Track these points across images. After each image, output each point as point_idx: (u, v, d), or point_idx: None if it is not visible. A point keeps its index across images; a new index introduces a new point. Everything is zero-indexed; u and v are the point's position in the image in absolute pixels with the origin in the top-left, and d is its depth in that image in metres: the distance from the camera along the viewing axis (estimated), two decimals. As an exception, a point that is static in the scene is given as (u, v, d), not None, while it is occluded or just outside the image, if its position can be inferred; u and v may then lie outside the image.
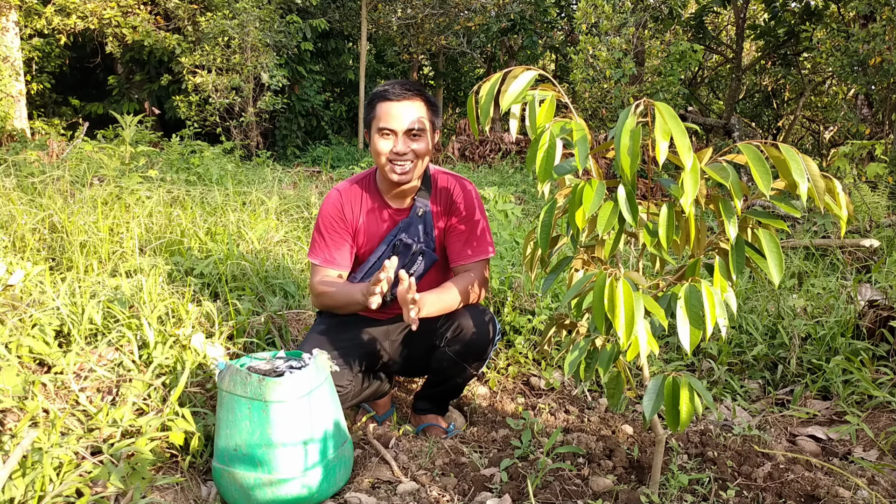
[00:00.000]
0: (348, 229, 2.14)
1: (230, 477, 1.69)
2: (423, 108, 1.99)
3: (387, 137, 1.98)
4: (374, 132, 2.00)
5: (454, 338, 2.06)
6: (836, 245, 3.93)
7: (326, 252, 2.13)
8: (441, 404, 2.29)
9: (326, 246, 2.13)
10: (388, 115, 1.95)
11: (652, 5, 9.22)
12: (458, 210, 2.13)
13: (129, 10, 10.92)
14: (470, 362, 2.10)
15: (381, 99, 1.96)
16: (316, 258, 2.14)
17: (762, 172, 1.26)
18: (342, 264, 2.13)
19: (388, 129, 1.96)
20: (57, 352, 2.02)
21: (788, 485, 1.76)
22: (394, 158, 1.98)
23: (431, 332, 2.10)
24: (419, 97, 1.98)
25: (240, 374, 1.69)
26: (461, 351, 2.07)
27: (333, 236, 2.13)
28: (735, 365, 2.67)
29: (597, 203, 1.31)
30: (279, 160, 11.34)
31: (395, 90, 1.96)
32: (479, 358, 2.10)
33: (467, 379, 2.20)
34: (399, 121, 1.95)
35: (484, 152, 10.76)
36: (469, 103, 1.42)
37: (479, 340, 2.07)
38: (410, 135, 1.97)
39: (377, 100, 1.98)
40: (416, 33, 14.24)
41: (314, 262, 2.14)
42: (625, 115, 1.27)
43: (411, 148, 1.97)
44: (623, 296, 1.33)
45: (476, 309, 2.09)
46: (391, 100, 1.95)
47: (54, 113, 13.57)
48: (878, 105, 8.56)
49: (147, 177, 4.85)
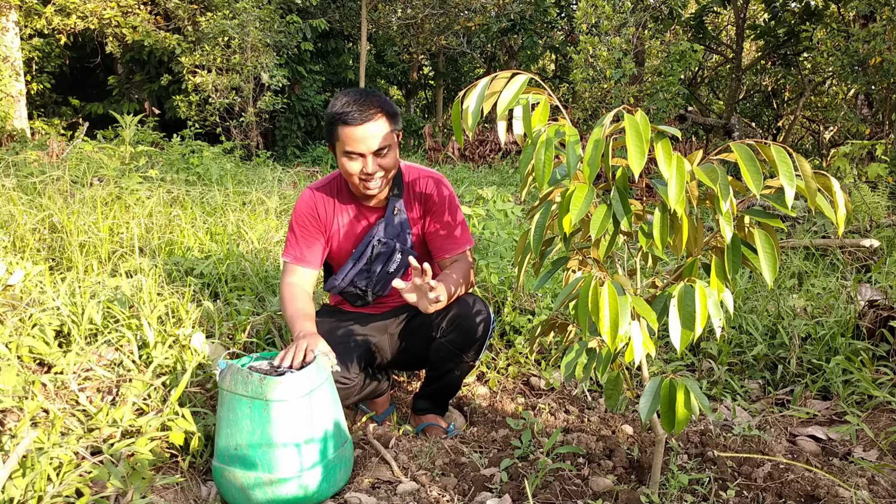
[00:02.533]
0: (321, 228, 2.16)
1: (230, 476, 1.69)
2: (385, 123, 1.97)
3: (354, 160, 1.98)
4: (340, 154, 1.99)
5: (450, 328, 2.09)
6: (836, 245, 3.93)
7: (298, 250, 2.14)
8: (441, 403, 2.30)
9: (298, 244, 2.15)
10: (352, 140, 1.93)
11: (652, 5, 9.22)
12: (434, 205, 2.15)
13: (129, 10, 10.91)
14: (467, 351, 2.13)
15: (343, 123, 1.93)
16: (287, 256, 2.16)
17: (753, 172, 1.26)
18: (312, 262, 2.15)
19: (356, 154, 1.96)
20: (57, 352, 2.02)
21: (788, 485, 1.76)
22: (364, 178, 2.00)
23: (428, 323, 2.13)
24: (379, 113, 1.95)
25: (241, 374, 1.69)
26: (458, 340, 2.10)
27: (306, 235, 2.15)
28: (735, 365, 2.67)
29: (585, 208, 1.32)
30: (279, 160, 11.34)
31: (354, 114, 1.92)
32: (475, 347, 2.14)
33: (465, 371, 2.21)
34: (365, 143, 1.93)
35: (484, 152, 10.76)
36: (455, 110, 1.41)
37: (475, 329, 2.10)
38: (377, 154, 1.97)
39: (338, 123, 1.94)
40: (416, 33, 14.24)
41: (285, 261, 2.16)
42: (599, 124, 1.30)
43: (380, 164, 1.99)
44: (608, 299, 1.34)
45: (470, 298, 2.13)
46: (352, 124, 1.92)
47: (54, 113, 13.57)
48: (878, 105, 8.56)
49: (147, 177, 4.85)
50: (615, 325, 1.33)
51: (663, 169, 1.26)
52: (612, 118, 1.33)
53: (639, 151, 1.24)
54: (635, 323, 1.42)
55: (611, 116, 1.32)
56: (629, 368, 2.56)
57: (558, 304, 1.48)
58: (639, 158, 1.24)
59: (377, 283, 2.19)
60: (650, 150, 1.27)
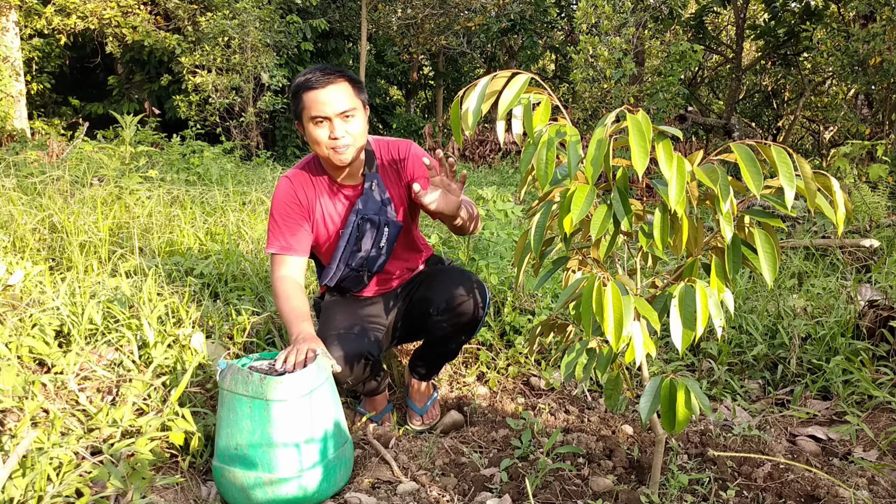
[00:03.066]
0: (304, 214, 2.13)
1: (230, 476, 1.69)
2: (349, 87, 1.99)
3: (321, 125, 1.98)
4: (307, 122, 2.00)
5: (447, 307, 2.14)
6: (836, 245, 3.93)
7: (283, 239, 2.10)
8: (436, 366, 2.39)
9: (282, 233, 2.11)
10: (316, 103, 1.95)
11: (652, 5, 9.22)
12: (411, 164, 2.15)
13: (129, 10, 10.91)
14: (463, 329, 2.19)
15: (306, 89, 1.96)
16: (272, 247, 2.11)
17: (753, 172, 1.26)
18: (300, 250, 2.11)
19: (321, 117, 1.97)
20: (57, 352, 2.02)
21: (788, 485, 1.76)
22: (333, 144, 1.99)
23: (426, 300, 2.19)
24: (342, 78, 1.99)
25: (241, 374, 1.69)
26: (454, 319, 2.16)
27: (289, 222, 2.11)
28: (735, 365, 2.67)
29: (586, 208, 1.32)
30: (279, 160, 11.34)
31: (316, 77, 1.96)
32: (471, 325, 2.20)
33: (461, 344, 2.31)
34: (330, 105, 1.95)
35: (484, 152, 10.76)
36: (454, 110, 1.41)
37: (471, 308, 2.16)
38: (343, 117, 1.97)
39: (301, 91, 1.98)
40: (416, 33, 14.24)
41: (272, 253, 2.11)
42: (601, 124, 1.30)
43: (347, 130, 1.98)
44: (612, 299, 1.34)
45: (465, 276, 2.18)
46: (316, 87, 1.95)
47: (54, 113, 13.57)
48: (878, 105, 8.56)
49: (147, 177, 4.85)
50: (619, 325, 1.33)
51: (664, 169, 1.26)
52: (613, 118, 1.33)
53: (642, 151, 1.24)
54: (636, 323, 1.42)
55: (612, 116, 1.32)
56: (629, 368, 2.56)
57: (560, 304, 1.48)
58: (642, 158, 1.24)
59: (371, 261, 2.17)
60: (651, 150, 1.27)
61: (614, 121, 1.35)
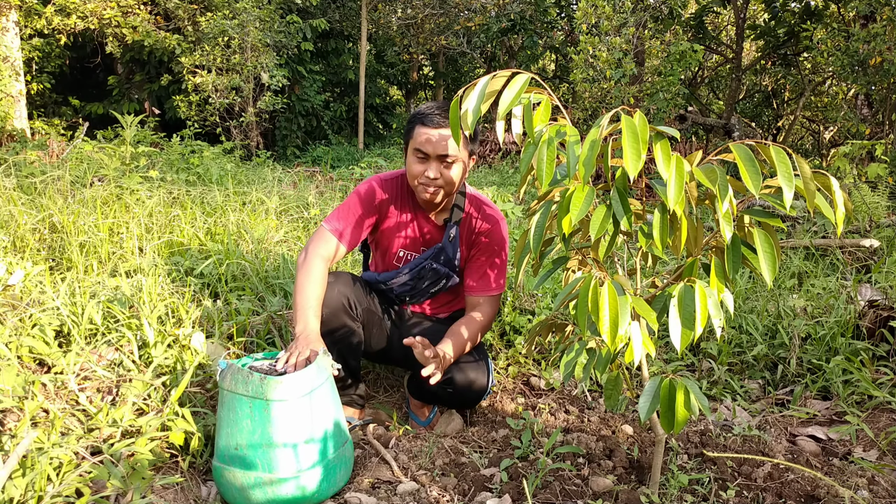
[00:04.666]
0: (373, 216, 2.18)
1: (230, 476, 1.69)
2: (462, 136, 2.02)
3: (421, 161, 2.03)
4: (410, 152, 2.05)
5: (447, 388, 2.13)
6: (836, 245, 3.93)
7: (342, 224, 2.14)
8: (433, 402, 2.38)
9: (345, 219, 2.15)
10: (424, 140, 2.00)
11: (652, 5, 9.22)
12: (485, 243, 2.19)
13: (129, 10, 10.90)
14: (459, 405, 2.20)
15: (421, 123, 2.01)
16: (329, 224, 2.14)
17: (752, 173, 1.26)
18: (349, 241, 2.15)
19: (423, 153, 2.01)
20: (57, 352, 2.02)
21: (788, 485, 1.76)
22: (425, 182, 2.04)
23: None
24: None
25: (241, 373, 1.70)
26: (453, 399, 2.18)
27: (355, 214, 2.15)
28: (735, 365, 2.67)
29: (585, 208, 1.32)
30: (279, 160, 11.33)
31: (434, 116, 1.99)
32: (471, 405, 2.20)
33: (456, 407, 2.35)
34: (434, 147, 1.99)
35: (484, 152, 10.76)
36: (452, 110, 1.41)
37: (473, 395, 2.16)
38: (443, 161, 2.01)
39: (417, 122, 2.02)
40: (416, 33, 14.23)
41: (324, 226, 2.14)
42: (596, 125, 1.30)
43: (442, 174, 2.02)
44: (608, 299, 1.34)
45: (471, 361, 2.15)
46: (428, 125, 1.99)
47: (54, 113, 13.56)
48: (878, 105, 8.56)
49: (147, 177, 4.85)
50: (615, 325, 1.34)
51: (662, 170, 1.27)
52: (610, 119, 1.33)
53: (635, 154, 1.24)
54: (635, 323, 1.42)
55: (608, 117, 1.32)
56: (629, 368, 2.56)
57: (558, 303, 1.48)
58: (634, 161, 1.24)
59: (415, 297, 2.27)
60: (649, 150, 1.27)
61: (612, 121, 1.35)
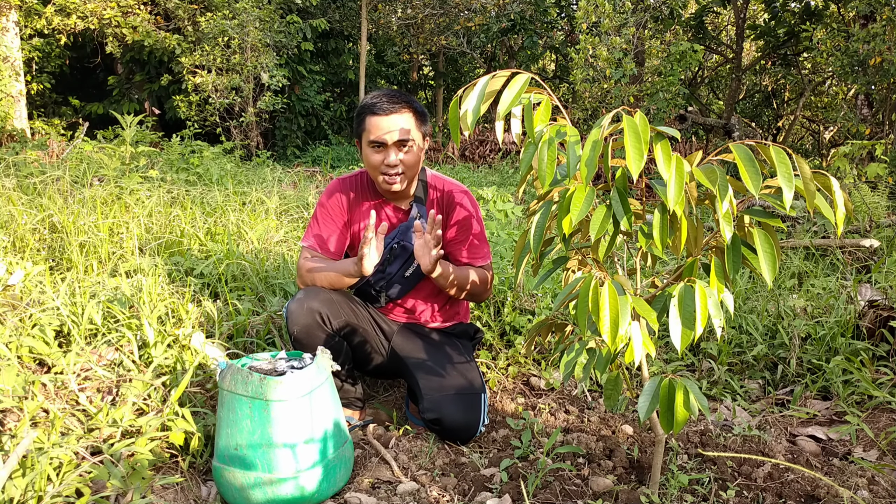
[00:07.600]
0: (344, 218, 2.20)
1: (230, 476, 1.69)
2: (412, 118, 2.03)
3: (378, 150, 2.03)
4: (365, 145, 2.05)
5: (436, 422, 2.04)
6: (836, 245, 3.93)
7: (319, 238, 2.17)
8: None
9: (320, 230, 2.18)
10: (377, 129, 2.00)
11: (652, 5, 9.22)
12: (457, 218, 2.18)
13: (129, 10, 10.90)
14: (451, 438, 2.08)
15: (370, 112, 2.01)
16: (307, 241, 2.19)
17: (752, 173, 1.26)
18: (332, 250, 2.18)
19: (379, 143, 2.01)
20: (57, 352, 2.02)
21: (788, 485, 1.76)
22: (385, 171, 2.04)
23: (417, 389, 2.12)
24: (407, 108, 2.02)
25: (241, 374, 1.70)
26: (442, 433, 2.07)
27: (328, 222, 2.19)
28: (735, 365, 2.67)
29: (585, 209, 1.32)
30: (279, 160, 11.33)
31: (382, 104, 1.99)
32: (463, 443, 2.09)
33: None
34: (389, 133, 1.99)
35: (484, 152, 10.75)
36: (452, 110, 1.41)
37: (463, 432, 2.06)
38: (400, 146, 2.02)
39: (366, 113, 2.02)
40: (416, 33, 14.22)
41: (304, 246, 2.19)
42: (597, 125, 1.30)
43: (401, 160, 2.02)
44: (608, 299, 1.34)
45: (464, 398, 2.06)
46: (379, 114, 1.99)
47: (54, 113, 13.55)
48: (878, 105, 8.56)
49: (147, 177, 4.84)
50: (615, 325, 1.34)
51: (662, 170, 1.27)
52: (611, 119, 1.33)
53: (637, 153, 1.25)
54: (635, 323, 1.42)
55: (609, 117, 1.32)
56: (629, 368, 2.56)
57: (558, 303, 1.48)
58: (637, 161, 1.24)
59: (391, 285, 2.20)
60: (649, 150, 1.27)
61: (613, 121, 1.35)
